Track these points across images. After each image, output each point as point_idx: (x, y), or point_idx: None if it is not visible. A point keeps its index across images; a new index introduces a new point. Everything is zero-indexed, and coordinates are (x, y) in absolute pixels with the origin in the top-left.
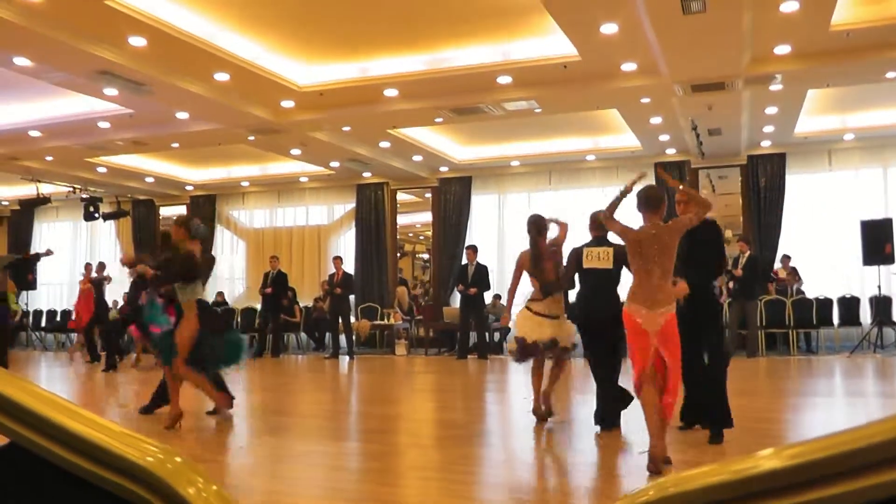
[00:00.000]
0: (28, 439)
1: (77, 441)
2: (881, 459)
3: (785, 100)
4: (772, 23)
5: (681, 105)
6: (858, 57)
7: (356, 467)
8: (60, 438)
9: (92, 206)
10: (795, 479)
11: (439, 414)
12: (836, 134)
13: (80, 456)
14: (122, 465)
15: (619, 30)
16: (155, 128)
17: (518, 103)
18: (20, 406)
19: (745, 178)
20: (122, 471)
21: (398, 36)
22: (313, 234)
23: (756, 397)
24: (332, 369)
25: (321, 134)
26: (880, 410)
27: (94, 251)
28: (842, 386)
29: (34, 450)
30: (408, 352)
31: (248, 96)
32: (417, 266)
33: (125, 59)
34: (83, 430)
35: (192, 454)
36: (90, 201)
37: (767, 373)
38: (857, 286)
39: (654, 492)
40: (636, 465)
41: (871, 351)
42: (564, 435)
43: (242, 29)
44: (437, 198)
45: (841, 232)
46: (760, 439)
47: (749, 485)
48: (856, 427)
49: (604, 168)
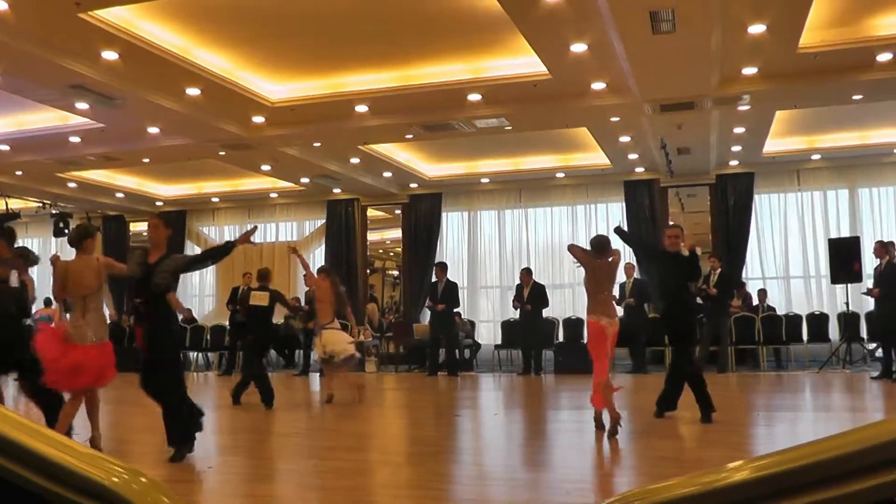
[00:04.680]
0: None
1: (40, 462)
2: (846, 471)
3: (753, 120)
4: (740, 44)
5: (650, 124)
6: (825, 79)
7: (327, 485)
8: (23, 459)
9: (62, 221)
10: (762, 491)
11: (410, 431)
12: (804, 154)
13: (43, 477)
14: (86, 486)
15: (589, 49)
16: (126, 142)
17: (488, 120)
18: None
19: (714, 196)
20: (87, 492)
21: (369, 52)
22: (283, 251)
23: (726, 411)
24: (302, 386)
25: (292, 149)
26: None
27: None
28: (810, 401)
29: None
30: (378, 368)
31: (220, 111)
32: (388, 283)
33: (97, 72)
34: (46, 450)
35: (159, 474)
36: (60, 217)
37: (738, 388)
38: (825, 303)
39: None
40: (606, 480)
41: (840, 367)
42: (536, 450)
43: (214, 44)
44: (407, 214)
45: (809, 250)
46: (729, 452)
47: (717, 496)
48: (821, 439)
49: (574, 186)
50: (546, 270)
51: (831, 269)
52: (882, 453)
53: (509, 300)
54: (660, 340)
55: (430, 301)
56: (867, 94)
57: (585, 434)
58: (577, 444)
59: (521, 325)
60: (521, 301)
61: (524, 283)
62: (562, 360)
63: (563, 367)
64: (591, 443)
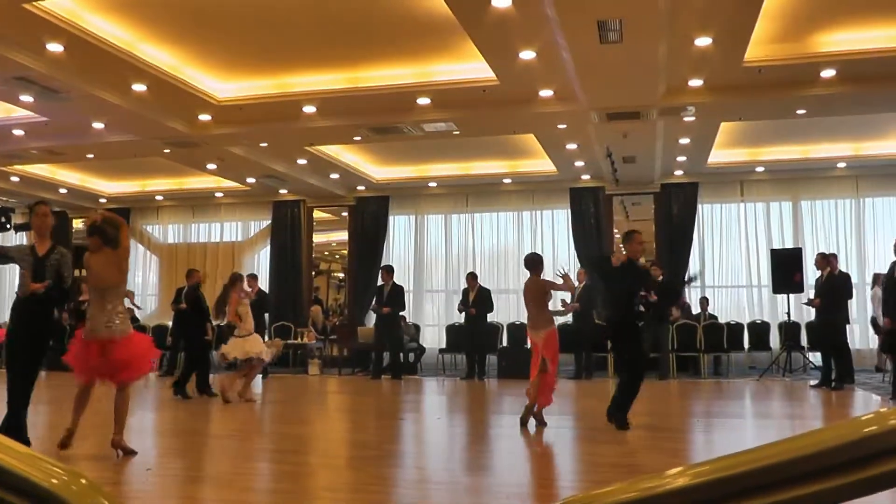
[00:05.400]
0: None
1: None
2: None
3: (698, 131)
4: (686, 56)
5: (596, 132)
6: (770, 93)
7: (267, 488)
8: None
9: (3, 216)
10: (702, 497)
11: (352, 434)
12: (748, 166)
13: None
14: (24, 487)
15: (537, 56)
16: (70, 137)
17: (437, 125)
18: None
19: (658, 205)
20: (26, 493)
21: (319, 53)
22: (228, 251)
23: (666, 418)
24: None
25: (238, 149)
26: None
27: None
28: (750, 408)
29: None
30: (321, 371)
31: (165, 108)
32: (332, 285)
33: (42, 65)
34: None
35: (98, 476)
36: (2, 212)
37: (678, 394)
38: (767, 312)
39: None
40: (546, 485)
41: (780, 375)
42: (477, 455)
43: (161, 39)
44: (353, 216)
45: (752, 260)
46: (669, 458)
47: (657, 502)
48: (758, 447)
49: (520, 192)
50: (491, 275)
51: (773, 279)
52: (817, 462)
53: (455, 304)
54: (605, 347)
55: (375, 304)
56: (811, 109)
57: (527, 439)
58: (519, 449)
59: (465, 329)
60: (467, 305)
61: (470, 287)
62: (505, 364)
63: (507, 371)
64: (533, 448)
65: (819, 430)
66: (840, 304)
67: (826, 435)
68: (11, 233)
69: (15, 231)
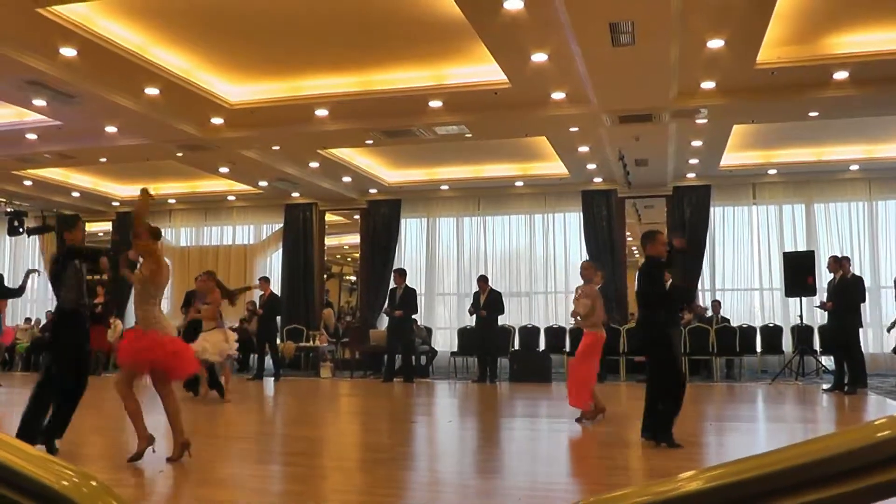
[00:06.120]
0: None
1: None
2: (796, 482)
3: (710, 133)
4: (699, 58)
5: (608, 135)
6: (782, 95)
7: (279, 490)
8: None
9: (17, 220)
10: (716, 501)
11: (364, 437)
12: (760, 168)
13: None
14: (35, 489)
15: (549, 59)
16: (83, 141)
17: (449, 128)
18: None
19: (671, 208)
20: (36, 495)
21: (331, 56)
22: (240, 254)
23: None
24: (256, 391)
25: (250, 152)
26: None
27: (18, 267)
28: (763, 412)
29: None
30: (333, 374)
31: (178, 112)
32: (345, 288)
33: (55, 69)
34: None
35: (109, 478)
36: (15, 215)
37: (690, 398)
38: (779, 315)
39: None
40: (558, 489)
41: (793, 378)
42: (489, 458)
43: (174, 43)
44: (365, 219)
45: (764, 263)
46: (683, 462)
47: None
48: (773, 451)
49: (532, 195)
50: (503, 278)
51: (786, 282)
52: (830, 466)
53: (466, 307)
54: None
55: (388, 307)
56: (823, 111)
57: (539, 442)
58: (531, 453)
59: (477, 332)
60: (478, 308)
61: (481, 290)
62: (517, 367)
63: (518, 375)
64: (545, 451)
65: (832, 434)
66: (853, 307)
67: (839, 439)
68: (24, 236)
69: (28, 235)
